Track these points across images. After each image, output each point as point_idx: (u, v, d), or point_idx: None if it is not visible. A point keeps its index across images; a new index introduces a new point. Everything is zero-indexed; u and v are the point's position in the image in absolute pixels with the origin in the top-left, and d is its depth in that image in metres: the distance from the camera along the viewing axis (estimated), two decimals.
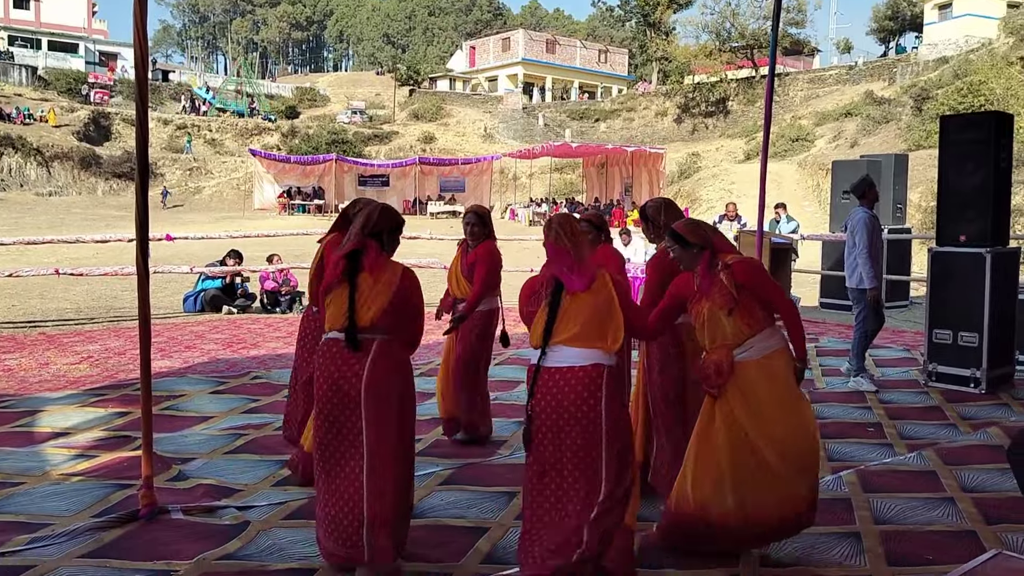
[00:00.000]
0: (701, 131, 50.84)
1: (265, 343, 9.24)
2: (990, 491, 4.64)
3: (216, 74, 70.67)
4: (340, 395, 3.42)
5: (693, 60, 52.78)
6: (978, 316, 6.99)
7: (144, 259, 4.18)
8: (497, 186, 41.76)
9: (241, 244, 13.19)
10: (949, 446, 5.51)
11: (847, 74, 48.34)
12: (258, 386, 7.10)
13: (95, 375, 7.51)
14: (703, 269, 3.68)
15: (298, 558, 3.73)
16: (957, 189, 7.20)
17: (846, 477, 4.86)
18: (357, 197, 4.99)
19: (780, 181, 29.06)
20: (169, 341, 9.21)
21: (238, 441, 5.52)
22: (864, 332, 7.33)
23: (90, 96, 48.33)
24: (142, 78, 4.18)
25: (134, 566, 3.62)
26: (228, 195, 41.69)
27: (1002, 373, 7.17)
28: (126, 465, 4.93)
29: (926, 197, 22.03)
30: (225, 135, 48.65)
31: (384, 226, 3.59)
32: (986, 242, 7.02)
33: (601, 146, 40.14)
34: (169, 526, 4.08)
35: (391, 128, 52.21)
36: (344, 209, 4.60)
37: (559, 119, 55.04)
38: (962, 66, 34.83)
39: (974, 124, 7.29)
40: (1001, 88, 28.22)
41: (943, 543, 3.93)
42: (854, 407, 6.57)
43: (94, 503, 4.37)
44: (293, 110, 54.61)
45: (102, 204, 36.66)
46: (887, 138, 32.45)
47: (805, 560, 3.76)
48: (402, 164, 41.14)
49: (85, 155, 40.90)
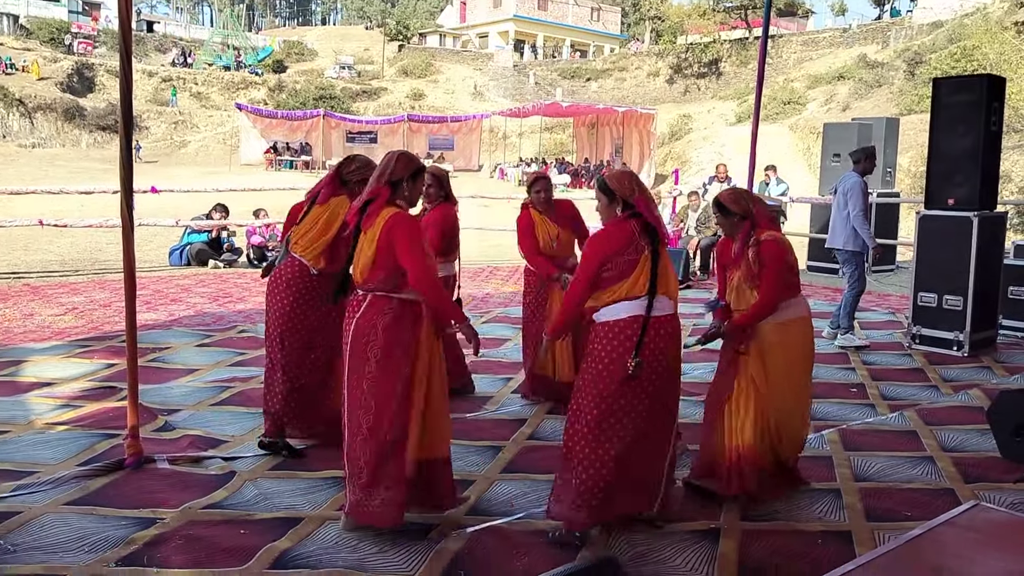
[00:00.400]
0: (693, 92, 50.55)
1: (252, 297, 9.20)
2: (969, 451, 4.71)
3: (201, 26, 69.52)
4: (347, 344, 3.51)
5: (686, 20, 52.35)
6: (963, 280, 7.03)
7: (129, 210, 4.13)
8: (486, 145, 41.46)
9: (227, 198, 13.09)
10: (930, 407, 5.58)
11: (841, 36, 48.04)
12: (244, 340, 7.09)
13: (80, 326, 7.47)
14: (741, 238, 3.93)
15: (284, 507, 3.76)
16: (947, 152, 7.20)
17: (828, 436, 4.92)
18: (350, 154, 4.60)
19: (771, 144, 28.98)
20: (155, 294, 9.16)
21: (224, 393, 5.52)
22: (858, 292, 7.45)
23: (73, 46, 47.47)
24: (126, 28, 4.08)
25: (120, 513, 3.63)
26: (214, 150, 41.26)
27: (985, 336, 7.23)
28: (112, 415, 4.92)
29: (916, 162, 22.07)
30: (211, 88, 47.98)
31: (402, 173, 3.50)
32: (974, 206, 7.03)
33: (592, 106, 39.84)
34: (155, 475, 4.09)
35: (380, 84, 51.65)
36: (337, 167, 4.41)
37: (550, 78, 54.55)
38: (956, 30, 34.69)
39: (966, 87, 7.26)
40: (994, 53, 28.15)
41: (921, 500, 3.99)
42: (838, 368, 6.63)
43: (80, 452, 4.37)
44: (280, 64, 53.86)
45: (86, 157, 36.17)
46: (879, 102, 32.40)
47: (786, 515, 3.81)
48: (390, 121, 40.72)
49: (69, 107, 40.31)
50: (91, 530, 3.48)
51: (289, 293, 4.35)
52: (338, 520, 3.58)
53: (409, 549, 3.36)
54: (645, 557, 3.37)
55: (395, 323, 3.41)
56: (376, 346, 3.40)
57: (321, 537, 3.48)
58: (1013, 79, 23.63)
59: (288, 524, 3.58)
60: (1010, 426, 4.53)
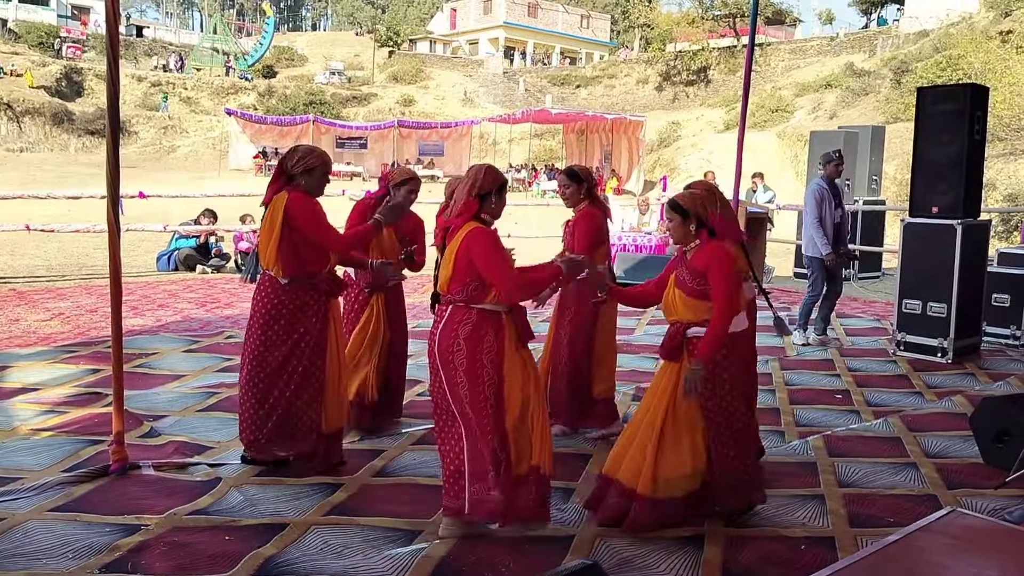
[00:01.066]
0: (682, 100, 50.69)
1: (239, 303, 9.18)
2: (952, 457, 4.75)
3: (191, 31, 69.35)
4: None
5: (675, 28, 52.48)
6: (947, 287, 7.09)
7: (115, 213, 4.13)
8: (476, 151, 41.45)
9: (216, 203, 13.07)
10: (914, 413, 5.62)
11: (828, 45, 48.30)
12: (232, 345, 7.07)
13: (66, 332, 7.44)
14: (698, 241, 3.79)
15: (269, 513, 3.75)
16: (931, 160, 7.27)
17: (813, 442, 4.95)
18: (293, 146, 4.27)
19: (758, 151, 29.11)
20: (142, 299, 9.14)
21: (210, 399, 5.51)
22: (815, 295, 7.75)
23: (62, 51, 47.26)
24: (113, 33, 4.08)
25: (104, 520, 3.62)
26: (203, 155, 41.10)
27: (969, 343, 7.29)
28: (97, 421, 4.91)
29: (902, 170, 22.20)
30: (201, 93, 47.83)
31: (491, 187, 3.56)
32: (958, 214, 7.10)
33: (581, 113, 39.93)
34: (140, 482, 4.08)
35: (370, 90, 51.58)
36: (281, 161, 4.18)
37: (540, 84, 54.65)
38: (942, 39, 34.97)
39: (950, 96, 7.32)
40: (979, 62, 28.38)
41: (904, 506, 4.02)
42: (823, 374, 6.67)
43: (64, 458, 4.36)
44: (270, 69, 53.77)
45: (75, 161, 35.97)
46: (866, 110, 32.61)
47: (769, 521, 3.83)
48: (380, 127, 40.70)
49: (57, 111, 40.05)
50: (75, 537, 3.46)
51: (259, 310, 4.18)
52: (324, 526, 3.59)
53: (393, 556, 3.37)
54: (630, 563, 3.38)
55: (475, 332, 3.44)
56: (461, 356, 3.44)
57: (306, 544, 3.48)
58: (998, 88, 23.83)
59: (273, 530, 3.58)
60: (992, 432, 4.57)
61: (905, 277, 7.41)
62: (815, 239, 7.51)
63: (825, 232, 7.46)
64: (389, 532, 3.62)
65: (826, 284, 7.71)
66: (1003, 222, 20.08)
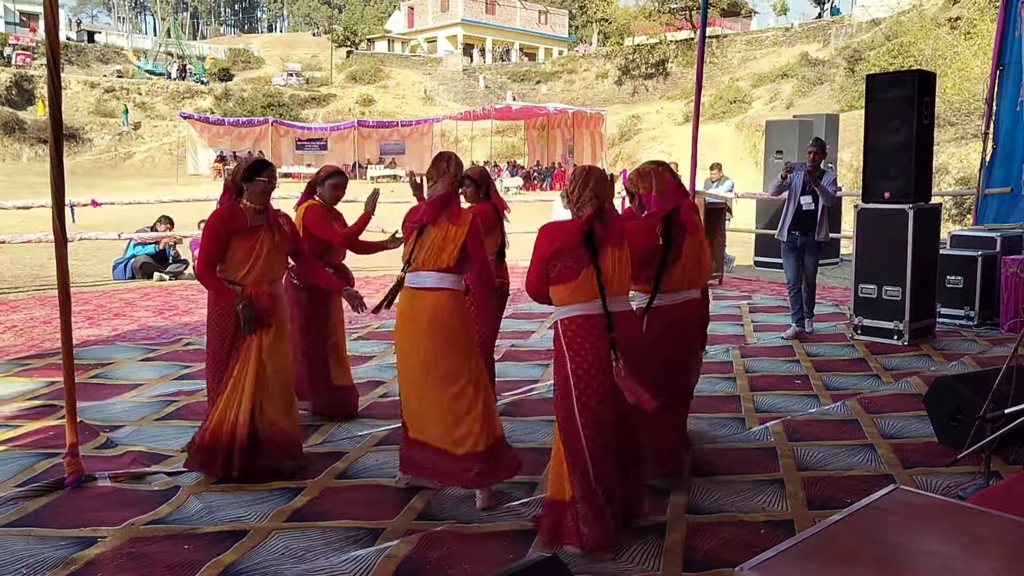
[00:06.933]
0: (641, 93, 51.04)
1: (198, 309, 9.05)
2: (908, 437, 4.83)
3: (144, 35, 68.28)
4: None
5: (633, 21, 52.82)
6: (901, 271, 7.21)
7: (61, 221, 4.05)
8: (438, 149, 41.16)
9: (173, 209, 12.88)
10: (871, 395, 5.71)
11: (783, 36, 48.91)
12: (190, 352, 6.97)
13: (19, 344, 7.29)
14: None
15: (229, 520, 3.71)
16: (882, 147, 7.39)
17: (772, 428, 5.01)
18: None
19: (718, 142, 29.42)
20: (98, 309, 8.98)
21: (168, 408, 5.43)
22: (788, 284, 7.75)
23: (12, 58, 46.26)
24: (53, 38, 3.99)
25: (59, 534, 3.55)
26: (160, 160, 40.55)
27: (924, 325, 7.42)
28: (52, 434, 4.81)
29: (857, 157, 22.47)
30: (155, 99, 47.12)
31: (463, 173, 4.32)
32: (909, 198, 7.22)
33: (542, 108, 40.00)
34: (96, 494, 4.01)
35: (328, 91, 51.24)
36: (232, 175, 4.23)
37: (500, 81, 54.66)
38: (893, 28, 35.55)
39: (898, 82, 7.45)
40: (929, 49, 28.89)
41: (861, 487, 4.08)
42: (783, 360, 6.75)
43: (18, 472, 4.27)
44: (226, 72, 53.14)
45: (28, 171, 35.22)
46: (821, 99, 33.07)
47: (730, 507, 3.87)
48: (340, 127, 40.46)
49: (8, 120, 39.28)
50: (29, 552, 3.39)
51: (209, 316, 4.29)
52: (286, 530, 3.56)
53: (356, 557, 3.35)
54: (591, 554, 3.39)
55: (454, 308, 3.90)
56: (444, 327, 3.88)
57: (268, 549, 3.45)
58: (948, 74, 24.28)
59: (234, 537, 3.54)
60: (946, 412, 4.65)
61: (860, 262, 7.52)
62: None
63: (785, 214, 7.54)
64: (351, 532, 3.60)
65: (792, 270, 7.63)
66: (956, 205, 20.48)
